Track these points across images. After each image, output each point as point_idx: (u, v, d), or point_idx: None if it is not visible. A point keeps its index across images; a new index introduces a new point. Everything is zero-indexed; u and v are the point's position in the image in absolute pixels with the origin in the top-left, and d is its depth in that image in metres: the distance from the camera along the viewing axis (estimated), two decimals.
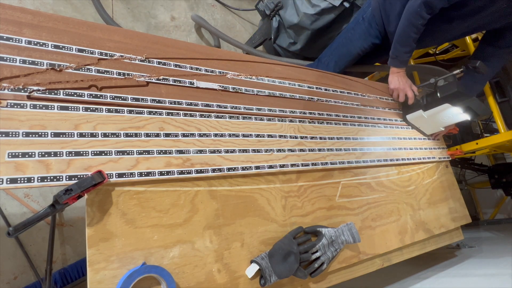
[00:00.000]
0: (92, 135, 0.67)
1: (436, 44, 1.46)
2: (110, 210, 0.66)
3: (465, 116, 1.28)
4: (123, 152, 0.69)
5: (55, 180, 0.60)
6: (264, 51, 2.32)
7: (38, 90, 0.64)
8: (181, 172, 0.75)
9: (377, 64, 2.12)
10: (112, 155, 0.67)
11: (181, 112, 0.80)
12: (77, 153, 0.64)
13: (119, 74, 0.74)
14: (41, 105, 0.63)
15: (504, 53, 1.28)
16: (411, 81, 1.35)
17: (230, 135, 0.86)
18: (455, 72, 1.26)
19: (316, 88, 1.13)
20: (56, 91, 0.65)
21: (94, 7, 1.72)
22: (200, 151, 0.79)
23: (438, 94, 1.24)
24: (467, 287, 1.11)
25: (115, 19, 1.80)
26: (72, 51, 0.70)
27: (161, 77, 0.80)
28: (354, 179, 1.10)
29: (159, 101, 0.77)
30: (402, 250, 1.16)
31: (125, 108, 0.72)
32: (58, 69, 0.67)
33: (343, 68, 1.55)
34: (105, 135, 0.68)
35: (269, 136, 0.93)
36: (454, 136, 1.70)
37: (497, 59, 1.31)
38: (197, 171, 0.77)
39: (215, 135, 0.83)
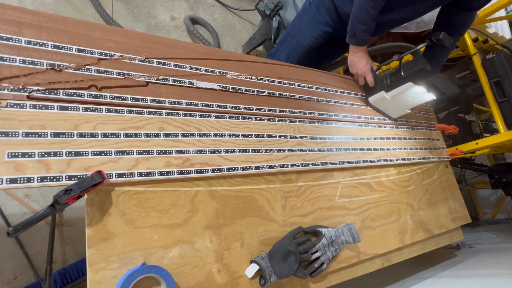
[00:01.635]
0: (92, 135, 0.67)
1: (406, 20, 1.30)
2: (110, 210, 0.66)
3: (430, 96, 1.19)
4: (123, 152, 0.69)
5: (55, 180, 0.60)
6: (264, 51, 2.32)
7: (38, 90, 0.64)
8: (181, 172, 0.75)
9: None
10: (112, 155, 0.67)
11: (181, 112, 0.80)
12: (77, 153, 0.64)
13: (119, 74, 0.74)
14: (40, 105, 0.63)
15: (470, 17, 1.21)
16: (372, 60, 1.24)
17: (230, 135, 0.86)
18: (418, 46, 1.17)
19: (316, 88, 1.13)
20: (56, 91, 0.65)
21: (94, 7, 1.72)
22: (200, 151, 0.79)
23: (402, 73, 1.13)
24: (467, 287, 1.11)
25: (115, 19, 1.80)
26: (72, 51, 0.70)
27: (161, 77, 0.80)
28: (354, 179, 1.10)
29: (159, 101, 0.77)
30: (402, 250, 1.16)
31: (125, 108, 0.72)
32: (58, 69, 0.67)
33: (296, 63, 1.39)
34: (105, 135, 0.68)
35: (269, 136, 0.93)
36: (454, 136, 1.70)
37: (462, 24, 1.22)
38: (197, 171, 0.77)
39: (215, 135, 0.83)
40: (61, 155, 0.62)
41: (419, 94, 1.17)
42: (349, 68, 1.25)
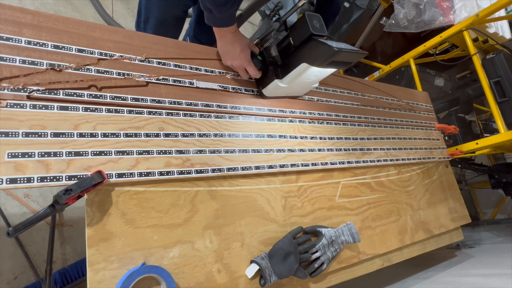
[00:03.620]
0: (92, 135, 0.67)
1: None
2: (110, 210, 0.66)
3: (331, 70, 0.91)
4: (122, 152, 0.69)
5: (54, 180, 0.60)
6: None
7: (38, 90, 0.64)
8: (181, 172, 0.75)
9: None
10: (112, 155, 0.67)
11: (181, 112, 0.80)
12: (77, 153, 0.64)
13: (119, 74, 0.74)
14: (41, 105, 0.63)
15: None
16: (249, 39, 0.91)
17: (229, 135, 0.86)
18: (299, 3, 0.85)
19: (316, 88, 1.13)
20: (55, 91, 0.65)
21: (94, 7, 1.72)
22: (200, 151, 0.79)
23: (292, 41, 0.84)
24: (467, 287, 1.11)
25: (115, 19, 1.80)
26: (72, 51, 0.70)
27: (161, 77, 0.80)
28: (354, 179, 1.10)
29: (158, 101, 0.77)
30: (402, 250, 1.16)
31: (125, 108, 0.72)
32: (57, 69, 0.67)
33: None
34: (104, 135, 0.68)
35: (269, 136, 0.93)
36: (454, 136, 1.70)
37: None
38: (197, 171, 0.77)
39: (215, 135, 0.83)
40: (61, 155, 0.62)
41: (320, 71, 0.89)
42: (222, 60, 0.92)
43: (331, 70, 0.91)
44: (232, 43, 0.85)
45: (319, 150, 1.03)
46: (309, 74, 0.89)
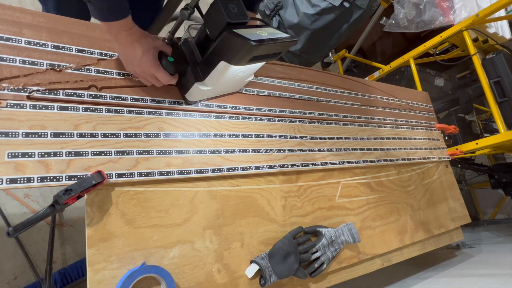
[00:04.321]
0: (92, 135, 0.67)
1: None
2: (110, 210, 0.66)
3: (259, 64, 0.75)
4: (122, 152, 0.69)
5: (54, 180, 0.60)
6: None
7: (38, 90, 0.64)
8: (181, 172, 0.75)
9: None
10: (111, 155, 0.67)
11: (181, 112, 0.80)
12: (77, 153, 0.64)
13: (119, 74, 0.74)
14: (41, 105, 0.63)
15: None
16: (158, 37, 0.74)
17: (229, 135, 0.86)
18: None
19: (316, 88, 1.13)
20: (55, 91, 0.65)
21: None
22: (200, 151, 0.79)
23: (208, 32, 0.66)
24: (467, 287, 1.11)
25: None
26: (72, 51, 0.70)
27: None
28: (354, 179, 1.10)
29: (158, 101, 0.77)
30: (402, 250, 1.16)
31: (125, 108, 0.72)
32: (57, 69, 0.67)
33: None
34: (104, 135, 0.68)
35: (269, 136, 0.93)
36: (454, 136, 1.70)
37: None
38: (197, 171, 0.77)
39: (215, 135, 0.83)
40: (61, 155, 0.62)
41: (247, 67, 0.72)
42: (125, 66, 0.74)
43: (259, 65, 0.76)
44: (130, 45, 0.66)
45: (319, 150, 1.03)
46: (234, 72, 0.72)
